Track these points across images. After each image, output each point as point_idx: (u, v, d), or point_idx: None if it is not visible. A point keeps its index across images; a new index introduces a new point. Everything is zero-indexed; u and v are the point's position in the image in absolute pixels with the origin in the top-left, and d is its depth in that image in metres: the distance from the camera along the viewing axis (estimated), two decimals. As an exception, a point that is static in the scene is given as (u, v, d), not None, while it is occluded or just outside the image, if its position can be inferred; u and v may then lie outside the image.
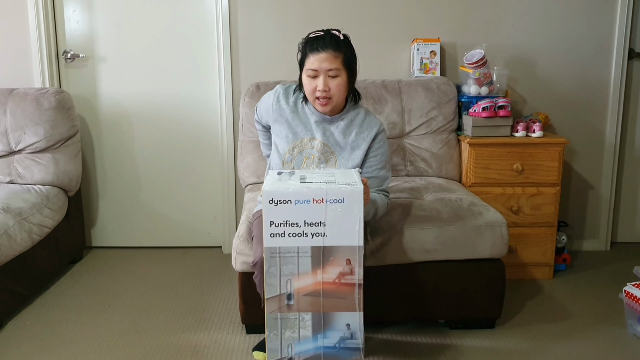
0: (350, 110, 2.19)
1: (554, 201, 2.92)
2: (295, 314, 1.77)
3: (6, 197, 2.74)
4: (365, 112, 2.21)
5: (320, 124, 2.17)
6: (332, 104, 2.09)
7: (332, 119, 2.16)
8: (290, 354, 1.80)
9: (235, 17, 3.21)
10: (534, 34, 3.26)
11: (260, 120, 2.39)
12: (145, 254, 3.41)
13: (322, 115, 2.16)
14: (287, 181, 1.75)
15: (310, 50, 2.05)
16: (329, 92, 2.06)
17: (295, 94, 2.22)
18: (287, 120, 2.19)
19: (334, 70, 2.04)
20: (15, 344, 2.37)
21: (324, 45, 2.03)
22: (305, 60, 2.08)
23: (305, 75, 2.09)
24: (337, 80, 2.06)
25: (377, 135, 2.17)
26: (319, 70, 2.04)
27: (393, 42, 3.25)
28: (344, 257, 1.73)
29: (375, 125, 2.18)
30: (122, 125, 3.39)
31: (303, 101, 2.19)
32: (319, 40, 2.06)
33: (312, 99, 2.10)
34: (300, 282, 1.76)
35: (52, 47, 3.28)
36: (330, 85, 2.05)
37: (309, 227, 1.71)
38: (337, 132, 2.17)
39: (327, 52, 2.03)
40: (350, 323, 1.78)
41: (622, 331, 2.47)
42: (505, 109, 2.89)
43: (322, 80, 2.04)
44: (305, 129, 2.17)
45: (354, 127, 2.17)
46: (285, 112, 2.19)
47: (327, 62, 2.03)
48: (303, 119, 2.18)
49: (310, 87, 2.08)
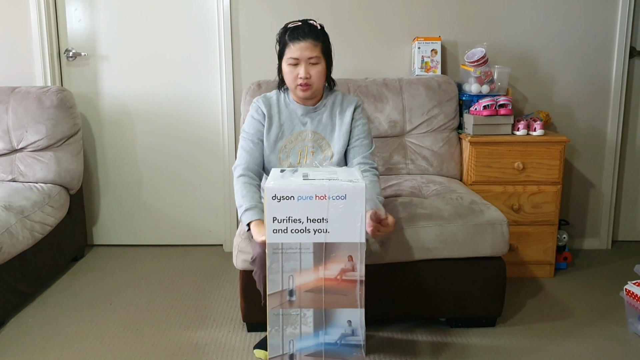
0: (329, 96, 2.30)
1: (554, 199, 2.92)
2: (297, 310, 1.77)
3: (8, 195, 2.75)
4: (342, 94, 2.32)
5: (306, 115, 2.27)
6: (311, 89, 2.17)
7: (315, 107, 2.27)
8: (291, 350, 1.80)
9: (236, 15, 3.21)
10: (535, 33, 3.26)
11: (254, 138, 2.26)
12: (147, 252, 3.42)
13: (306, 107, 2.26)
14: (290, 178, 1.76)
15: (291, 39, 2.12)
16: (310, 79, 2.14)
17: (274, 97, 2.30)
18: (276, 122, 2.26)
19: (314, 58, 2.12)
20: (17, 341, 2.38)
21: (304, 34, 2.11)
22: (285, 49, 2.15)
23: (286, 64, 2.16)
24: (318, 67, 2.14)
25: (356, 109, 2.28)
26: (300, 58, 2.12)
27: (394, 41, 3.25)
28: (345, 254, 1.73)
29: (354, 101, 2.30)
30: (123, 124, 3.39)
31: (285, 95, 2.28)
32: (299, 29, 2.13)
33: (293, 86, 2.18)
34: (302, 279, 1.76)
35: (54, 45, 3.28)
36: (311, 72, 2.14)
37: (311, 224, 1.71)
38: (324, 117, 2.27)
39: (308, 41, 2.11)
40: (352, 320, 1.78)
41: (623, 329, 2.47)
42: (506, 107, 2.89)
43: (303, 67, 2.12)
44: (292, 123, 2.26)
45: (336, 107, 2.28)
46: (273, 116, 2.27)
47: (308, 51, 2.11)
48: (290, 115, 2.27)
49: (292, 75, 2.15)
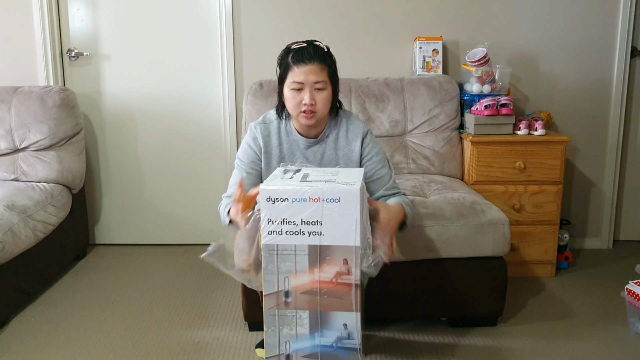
0: (333, 125, 2.10)
1: (556, 199, 2.92)
2: (293, 311, 1.77)
3: (11, 194, 2.75)
4: (347, 119, 2.12)
5: (309, 149, 2.09)
6: (316, 117, 1.98)
7: (318, 140, 2.08)
8: (287, 350, 1.80)
9: (238, 14, 3.22)
10: (536, 32, 3.25)
11: (247, 168, 2.11)
12: (149, 252, 3.42)
13: (308, 140, 2.08)
14: (287, 179, 1.76)
15: (295, 62, 1.94)
16: (315, 106, 1.95)
17: (274, 122, 2.10)
18: (276, 155, 2.09)
19: (320, 83, 1.94)
20: (20, 340, 2.38)
21: (309, 56, 1.93)
22: (288, 72, 1.96)
23: (288, 89, 1.97)
24: (324, 93, 1.96)
25: (364, 139, 2.09)
26: (304, 82, 1.93)
27: (395, 41, 3.25)
28: (340, 257, 1.72)
29: (360, 131, 2.10)
30: (125, 123, 3.40)
31: (286, 123, 2.09)
32: (303, 51, 1.95)
33: (296, 113, 1.99)
34: (298, 280, 1.75)
35: (57, 45, 3.29)
36: (317, 98, 1.95)
37: (306, 226, 1.70)
38: (327, 151, 2.10)
39: (314, 64, 1.93)
40: (348, 323, 1.76)
41: (624, 329, 2.47)
42: (508, 107, 2.89)
43: (308, 93, 1.93)
44: (294, 156, 2.08)
45: (340, 140, 2.09)
46: (271, 148, 2.09)
47: (314, 75, 1.93)
48: (291, 147, 2.09)
49: (295, 101, 1.96)
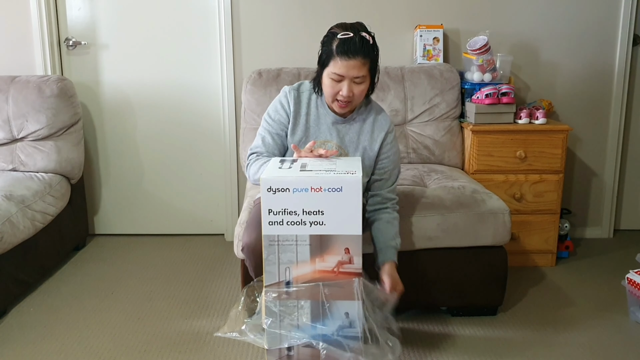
0: (363, 110, 2.14)
1: (557, 188, 2.91)
2: (294, 301, 1.77)
3: (9, 184, 2.74)
4: (376, 111, 2.16)
5: (335, 125, 2.11)
6: (351, 107, 2.05)
7: (346, 119, 2.11)
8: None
9: (237, 3, 3.19)
10: (537, 21, 3.23)
11: (273, 129, 2.15)
12: (148, 242, 3.42)
13: (336, 117, 2.10)
14: (286, 169, 1.74)
15: (339, 53, 1.93)
16: (351, 97, 1.98)
17: (306, 93, 2.14)
18: (302, 123, 2.12)
19: (360, 78, 1.96)
20: (19, 330, 2.38)
21: (355, 51, 1.92)
22: (330, 61, 1.96)
23: (327, 77, 1.99)
24: (362, 86, 1.99)
25: (386, 136, 2.13)
26: (345, 76, 1.95)
27: (396, 29, 3.23)
28: (342, 246, 1.72)
29: (385, 126, 2.13)
30: (124, 113, 3.38)
31: (318, 99, 2.12)
32: (349, 43, 1.92)
33: (331, 100, 2.03)
34: (299, 270, 1.75)
35: (54, 34, 3.27)
36: (355, 91, 1.98)
37: (307, 216, 1.70)
38: (351, 132, 2.12)
39: (357, 59, 1.92)
40: (349, 312, 1.76)
41: (625, 318, 2.47)
42: (509, 95, 2.88)
43: (346, 86, 1.96)
44: (319, 129, 2.11)
45: (366, 127, 2.12)
46: (300, 116, 2.12)
47: (356, 70, 1.94)
48: (318, 119, 2.12)
49: (333, 90, 1.99)
